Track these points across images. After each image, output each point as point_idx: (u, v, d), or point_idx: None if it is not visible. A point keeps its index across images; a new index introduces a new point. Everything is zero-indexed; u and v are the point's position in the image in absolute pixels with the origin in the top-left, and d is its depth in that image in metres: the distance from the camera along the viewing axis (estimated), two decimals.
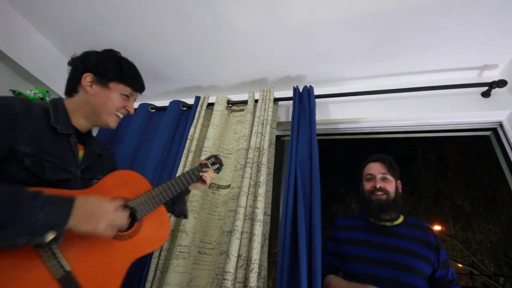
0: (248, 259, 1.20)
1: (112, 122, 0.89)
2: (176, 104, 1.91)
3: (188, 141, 1.64)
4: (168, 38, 1.63)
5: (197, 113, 1.77)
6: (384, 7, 1.28)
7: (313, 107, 1.57)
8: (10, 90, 1.56)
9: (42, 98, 1.64)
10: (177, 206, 1.05)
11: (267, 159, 1.45)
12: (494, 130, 1.59)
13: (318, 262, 1.12)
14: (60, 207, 0.58)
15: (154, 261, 1.31)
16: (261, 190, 1.34)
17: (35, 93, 1.64)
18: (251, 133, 1.57)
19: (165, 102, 1.97)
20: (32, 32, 1.73)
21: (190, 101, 1.92)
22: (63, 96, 0.90)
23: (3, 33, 1.57)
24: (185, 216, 1.11)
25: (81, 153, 0.82)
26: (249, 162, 1.43)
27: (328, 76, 1.76)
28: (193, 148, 1.61)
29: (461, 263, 8.75)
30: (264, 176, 1.39)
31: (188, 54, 1.73)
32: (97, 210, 0.62)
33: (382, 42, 1.47)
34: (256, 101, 1.73)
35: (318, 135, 1.52)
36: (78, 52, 0.92)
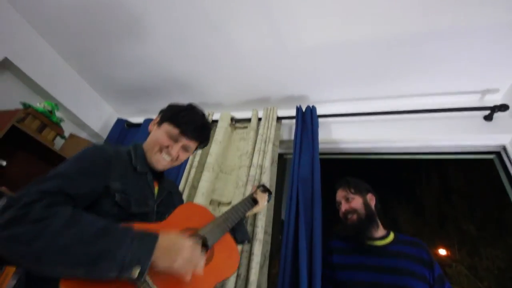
0: (247, 280, 1.17)
1: (156, 161, 0.88)
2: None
3: (190, 157, 1.66)
4: (172, 57, 1.68)
5: None
6: (387, 33, 1.32)
7: (316, 127, 1.58)
8: (21, 102, 1.60)
9: (51, 111, 1.68)
10: (238, 233, 1.06)
11: (268, 177, 1.45)
12: (497, 153, 1.58)
13: (318, 282, 1.10)
14: (146, 243, 0.60)
15: None
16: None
17: (44, 106, 1.68)
18: (254, 150, 1.58)
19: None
20: (43, 45, 1.80)
21: None
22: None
23: (17, 47, 1.64)
24: (248, 241, 1.14)
25: (156, 189, 0.89)
26: (250, 180, 1.43)
27: (331, 97, 1.79)
28: (195, 163, 1.62)
29: None
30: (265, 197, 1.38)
31: (193, 72, 1.78)
32: (176, 249, 0.63)
33: (384, 66, 1.51)
34: (260, 119, 1.75)
35: (320, 154, 1.53)
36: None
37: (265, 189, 1.24)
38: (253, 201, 1.11)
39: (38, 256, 0.52)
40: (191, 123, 0.90)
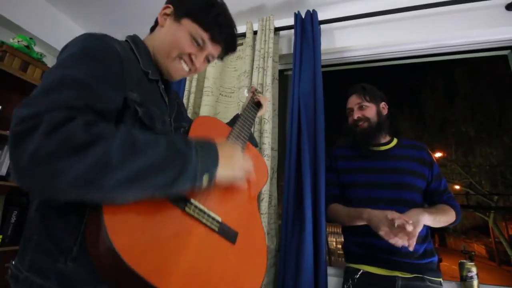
0: (260, 191, 1.28)
1: (173, 69, 0.69)
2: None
3: (187, 82, 1.59)
4: None
5: None
6: None
7: (317, 35, 1.45)
8: None
9: (27, 46, 1.55)
10: (251, 140, 1.02)
11: (271, 95, 1.41)
12: None
13: (322, 191, 1.19)
14: (209, 151, 0.54)
15: None
16: (267, 127, 1.34)
17: (18, 41, 1.54)
18: (252, 68, 1.50)
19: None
20: None
21: None
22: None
23: None
24: (256, 145, 1.11)
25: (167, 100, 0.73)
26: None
27: None
28: (193, 89, 1.56)
29: (458, 185, 9.30)
30: (269, 113, 1.38)
31: None
32: (235, 156, 0.59)
33: None
34: (255, 32, 1.60)
35: (322, 66, 1.44)
36: None
37: (260, 92, 1.15)
38: (257, 105, 1.02)
39: (100, 190, 0.41)
40: (226, 26, 0.70)
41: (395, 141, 1.20)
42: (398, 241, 0.85)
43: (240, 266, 0.57)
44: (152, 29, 0.75)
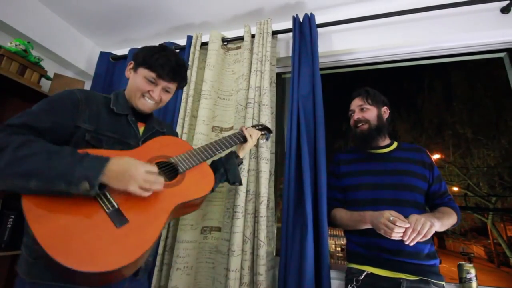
0: (257, 194, 1.28)
1: (142, 105, 0.94)
2: (168, 46, 1.79)
3: (186, 85, 1.59)
4: None
5: (191, 55, 1.67)
6: None
7: (315, 38, 1.46)
8: None
9: (25, 50, 1.54)
10: (229, 173, 1.12)
11: (268, 99, 1.42)
12: (509, 50, 1.49)
13: (323, 194, 1.19)
14: (95, 163, 0.68)
15: None
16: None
17: (16, 45, 1.54)
18: (250, 72, 1.50)
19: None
20: None
21: (182, 42, 1.79)
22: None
23: None
24: (240, 183, 1.17)
25: (141, 129, 0.96)
26: (250, 103, 1.41)
27: (331, 1, 1.59)
28: (191, 92, 1.57)
29: (456, 187, 9.31)
30: (267, 116, 1.38)
31: None
32: (128, 171, 0.71)
33: None
34: (253, 36, 1.60)
35: (321, 69, 1.45)
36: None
37: (262, 128, 1.25)
38: (242, 137, 1.15)
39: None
40: (166, 65, 0.91)
41: (395, 144, 1.23)
42: (397, 233, 0.89)
43: (109, 245, 0.66)
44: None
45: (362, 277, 1.02)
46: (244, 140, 1.16)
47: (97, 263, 0.61)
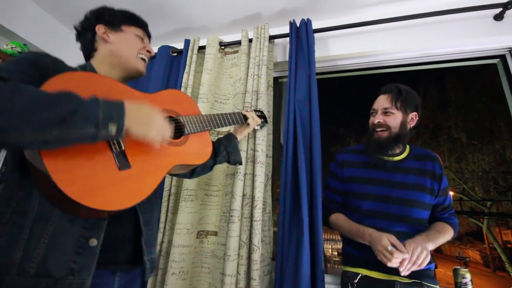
0: (253, 197, 1.27)
1: (141, 67, 0.88)
2: (165, 49, 1.79)
3: (182, 89, 1.59)
4: None
5: (188, 58, 1.67)
6: None
7: (312, 43, 1.47)
8: None
9: (21, 52, 1.54)
10: (232, 155, 1.13)
11: (265, 102, 1.42)
12: (502, 57, 1.51)
13: (319, 198, 1.19)
14: (114, 106, 0.61)
15: (164, 204, 1.40)
16: (261, 134, 1.35)
17: (12, 47, 1.53)
18: (247, 76, 1.51)
19: (153, 49, 1.85)
20: None
21: (180, 45, 1.80)
22: (80, 60, 0.88)
23: None
24: (240, 163, 1.20)
25: None
26: (247, 106, 1.41)
27: (327, 6, 1.60)
28: (188, 95, 1.57)
29: (452, 191, 9.38)
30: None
31: None
32: (150, 117, 0.68)
33: None
34: (251, 40, 1.61)
35: (317, 73, 1.46)
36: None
37: (260, 115, 1.24)
38: (243, 119, 1.15)
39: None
40: (141, 19, 0.90)
41: (407, 150, 1.14)
42: (394, 263, 0.87)
43: (109, 185, 0.64)
44: (90, 55, 0.86)
45: (357, 280, 1.01)
46: (244, 121, 1.17)
47: (93, 199, 0.60)
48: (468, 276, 1.12)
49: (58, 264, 0.60)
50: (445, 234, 1.01)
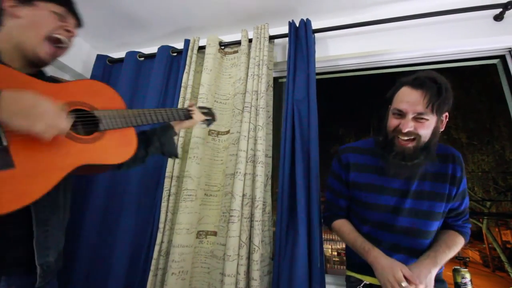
0: (253, 198, 1.27)
1: (43, 53, 0.72)
2: (165, 49, 1.79)
3: (182, 89, 1.59)
4: None
5: (188, 58, 1.67)
6: None
7: (311, 43, 1.47)
8: None
9: None
10: (166, 147, 1.02)
11: (265, 102, 1.42)
12: (502, 57, 1.51)
13: (315, 198, 1.20)
14: None
15: (164, 204, 1.40)
16: (261, 134, 1.35)
17: None
18: (247, 76, 1.51)
19: (153, 49, 1.85)
20: None
21: (180, 45, 1.80)
22: None
23: None
24: (176, 156, 1.08)
25: None
26: (247, 107, 1.41)
27: (326, 7, 1.60)
28: (188, 95, 1.57)
29: None
30: (263, 120, 1.38)
31: None
32: (35, 107, 0.59)
33: None
34: (250, 40, 1.61)
35: (316, 73, 1.46)
36: None
37: (205, 112, 1.15)
38: (186, 116, 1.04)
39: None
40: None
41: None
42: None
43: None
44: None
45: (361, 287, 0.96)
46: (187, 118, 1.06)
47: None
48: (467, 276, 1.12)
49: None
50: (455, 248, 0.91)
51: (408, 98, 0.85)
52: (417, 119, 0.85)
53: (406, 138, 0.86)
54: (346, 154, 1.03)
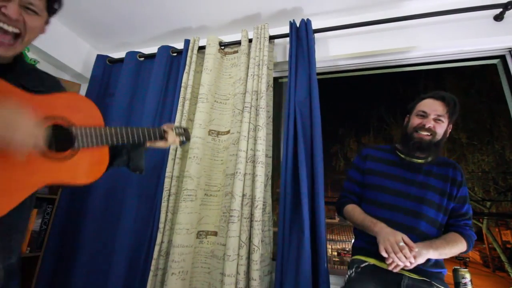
0: (253, 198, 1.27)
1: None
2: (165, 49, 1.79)
3: (182, 89, 1.59)
4: None
5: (188, 58, 1.67)
6: None
7: (312, 43, 1.47)
8: None
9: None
10: (133, 161, 0.98)
11: (265, 102, 1.42)
12: (502, 57, 1.51)
13: (320, 198, 1.20)
14: None
15: (164, 204, 1.39)
16: (261, 134, 1.35)
17: None
18: (247, 76, 1.51)
19: (153, 49, 1.85)
20: None
21: (180, 45, 1.80)
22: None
23: None
24: (141, 172, 1.02)
25: None
26: (247, 107, 1.41)
27: (327, 7, 1.61)
28: (188, 95, 1.57)
29: None
30: (263, 120, 1.38)
31: None
32: (15, 119, 0.56)
33: None
34: (250, 40, 1.61)
35: (317, 74, 1.46)
36: None
37: (181, 133, 1.08)
38: (160, 137, 0.98)
39: None
40: None
41: (432, 156, 1.15)
42: (392, 265, 0.90)
43: None
44: None
45: (364, 265, 1.02)
46: (161, 139, 0.99)
47: None
48: (467, 276, 1.12)
49: None
50: (454, 245, 0.99)
51: (432, 105, 1.12)
52: (436, 120, 1.10)
53: (426, 132, 1.10)
54: (366, 149, 1.25)
